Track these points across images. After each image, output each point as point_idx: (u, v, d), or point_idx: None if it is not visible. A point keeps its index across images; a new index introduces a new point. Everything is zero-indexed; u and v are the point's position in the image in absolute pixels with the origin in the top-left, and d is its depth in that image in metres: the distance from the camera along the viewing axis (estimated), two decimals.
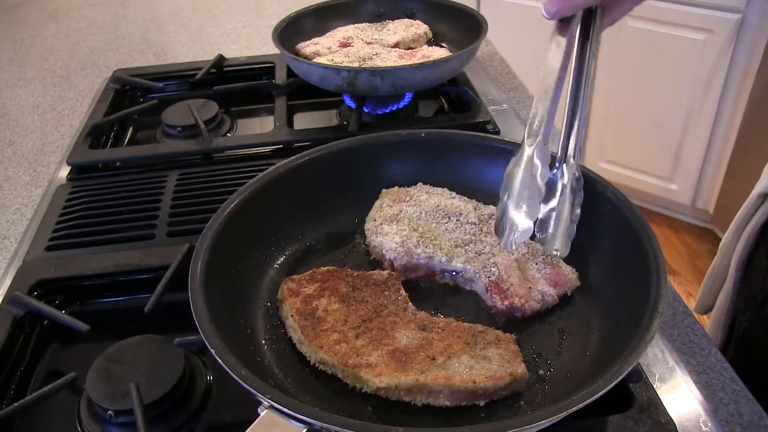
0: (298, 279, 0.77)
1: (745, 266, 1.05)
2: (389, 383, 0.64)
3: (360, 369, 0.65)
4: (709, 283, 1.16)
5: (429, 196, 0.88)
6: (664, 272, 0.66)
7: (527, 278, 0.77)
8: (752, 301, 1.00)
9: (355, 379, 0.66)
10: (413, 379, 0.64)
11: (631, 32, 2.67)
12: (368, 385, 0.65)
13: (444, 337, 0.69)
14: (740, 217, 1.07)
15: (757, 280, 1.00)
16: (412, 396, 0.65)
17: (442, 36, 1.43)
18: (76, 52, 1.76)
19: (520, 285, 0.75)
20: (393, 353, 0.67)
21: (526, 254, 0.80)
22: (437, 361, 0.66)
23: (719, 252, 1.13)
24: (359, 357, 0.67)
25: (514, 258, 0.78)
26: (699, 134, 2.72)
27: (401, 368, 0.65)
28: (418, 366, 0.65)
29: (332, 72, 1.14)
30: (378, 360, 0.66)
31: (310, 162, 0.88)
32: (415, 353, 0.67)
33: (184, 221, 0.98)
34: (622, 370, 0.56)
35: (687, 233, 3.02)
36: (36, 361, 0.80)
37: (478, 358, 0.66)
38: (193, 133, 1.21)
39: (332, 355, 0.67)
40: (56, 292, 0.87)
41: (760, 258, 1.01)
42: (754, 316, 0.98)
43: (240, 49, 1.72)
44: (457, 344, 0.68)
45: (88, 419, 0.70)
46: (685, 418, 0.67)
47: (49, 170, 1.22)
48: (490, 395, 0.65)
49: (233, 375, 0.57)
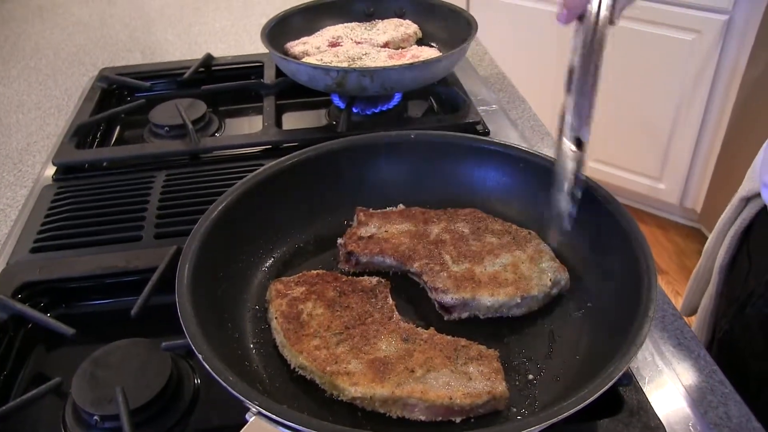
0: (286, 281, 0.77)
1: (728, 269, 1.05)
2: (364, 393, 0.63)
3: (337, 377, 0.65)
4: (694, 285, 1.17)
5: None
6: (654, 276, 0.66)
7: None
8: (734, 303, 1.00)
9: (331, 386, 0.65)
10: (389, 390, 0.63)
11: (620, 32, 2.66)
12: (344, 394, 0.64)
13: (426, 350, 0.68)
14: (723, 221, 1.07)
15: (739, 282, 1.01)
16: (387, 408, 0.64)
17: (431, 36, 1.42)
18: (62, 50, 1.74)
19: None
20: (372, 363, 0.66)
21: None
22: (416, 374, 0.64)
23: (703, 255, 1.14)
24: (338, 364, 0.66)
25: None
26: (687, 134, 2.73)
27: (378, 379, 0.64)
28: (396, 378, 0.64)
29: (321, 72, 1.13)
30: (356, 369, 0.65)
31: (299, 163, 0.87)
32: (395, 364, 0.66)
33: (172, 222, 0.97)
34: (613, 374, 0.56)
35: (675, 232, 3.04)
36: (20, 366, 0.78)
37: (458, 374, 0.65)
38: (180, 133, 1.20)
39: (311, 361, 0.67)
40: (41, 295, 0.85)
41: (742, 261, 1.02)
42: (735, 318, 0.99)
43: (228, 49, 1.71)
44: (438, 357, 0.66)
45: (74, 425, 0.69)
46: (674, 422, 0.67)
47: (35, 170, 1.20)
48: (467, 412, 0.63)
49: (221, 381, 0.56)
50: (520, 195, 0.89)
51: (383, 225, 0.85)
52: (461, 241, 0.82)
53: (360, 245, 0.82)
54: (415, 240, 0.83)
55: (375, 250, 0.82)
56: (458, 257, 0.79)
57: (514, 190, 0.89)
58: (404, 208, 0.89)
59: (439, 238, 0.83)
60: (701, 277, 1.15)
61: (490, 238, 0.82)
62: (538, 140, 1.23)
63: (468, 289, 0.75)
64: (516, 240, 0.82)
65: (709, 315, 1.09)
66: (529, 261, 0.78)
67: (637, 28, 2.63)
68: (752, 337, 0.94)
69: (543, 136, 1.24)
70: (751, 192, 0.99)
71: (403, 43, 1.37)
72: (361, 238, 0.83)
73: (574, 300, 0.77)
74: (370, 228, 0.85)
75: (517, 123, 1.25)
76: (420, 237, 0.83)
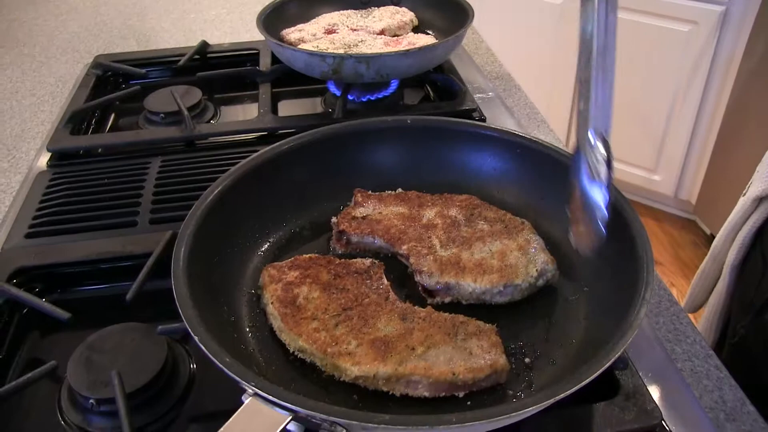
0: (279, 266, 0.77)
1: (739, 270, 1.05)
2: (368, 372, 0.63)
3: (338, 357, 0.65)
4: (700, 282, 1.16)
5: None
6: (651, 261, 0.66)
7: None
8: (749, 308, 0.99)
9: (333, 367, 0.66)
10: (392, 368, 0.63)
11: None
12: (346, 374, 0.65)
13: (424, 328, 0.68)
14: (733, 220, 1.06)
15: (752, 285, 1.00)
16: (391, 386, 0.64)
17: (427, 23, 1.42)
18: (56, 38, 1.72)
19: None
20: (372, 342, 0.66)
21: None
22: (417, 352, 0.65)
23: (710, 253, 1.13)
24: (338, 345, 0.66)
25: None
26: (682, 125, 2.74)
27: (380, 358, 0.64)
28: (398, 356, 0.64)
29: (317, 58, 1.12)
30: (357, 349, 0.66)
31: (295, 148, 0.87)
32: (395, 343, 0.66)
33: (167, 208, 0.97)
34: (609, 357, 0.56)
35: (670, 224, 3.05)
36: (15, 351, 0.78)
37: (459, 349, 0.65)
38: (176, 119, 1.20)
39: (311, 343, 0.67)
40: (36, 280, 0.85)
41: (756, 263, 1.01)
42: (751, 324, 0.98)
43: (224, 36, 1.70)
44: (437, 335, 0.67)
45: (69, 408, 0.69)
46: (670, 405, 0.67)
47: (29, 157, 1.19)
48: (469, 387, 0.64)
49: (217, 362, 0.56)
50: (518, 182, 0.89)
51: (378, 207, 0.85)
52: (452, 226, 0.82)
53: (352, 225, 0.82)
54: (407, 223, 0.83)
55: (366, 230, 0.82)
56: (447, 242, 0.79)
57: (511, 177, 0.89)
58: (402, 191, 0.89)
59: (431, 222, 0.83)
60: (707, 276, 1.14)
61: (482, 225, 0.82)
62: (534, 128, 1.23)
63: (452, 274, 0.75)
64: (508, 228, 0.81)
65: (718, 315, 1.08)
66: (518, 250, 0.78)
67: (634, 18, 2.63)
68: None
69: (539, 124, 1.24)
70: (764, 192, 0.98)
71: (399, 30, 1.37)
72: (355, 219, 0.83)
73: (570, 285, 0.77)
74: (365, 209, 0.85)
75: (513, 110, 1.25)
76: (412, 220, 0.83)
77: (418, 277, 0.77)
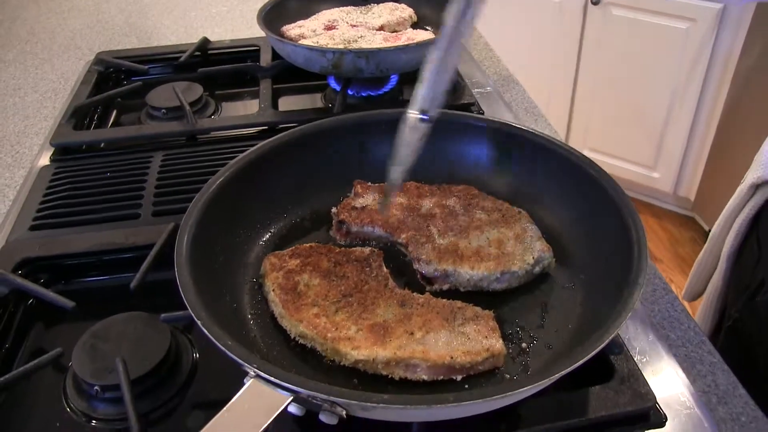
0: (280, 254, 0.78)
1: (736, 257, 1.06)
2: (367, 356, 0.65)
3: (339, 342, 0.66)
4: (698, 271, 1.17)
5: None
6: (644, 246, 0.67)
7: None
8: (743, 291, 1.00)
9: (333, 352, 0.67)
10: (391, 352, 0.64)
11: (614, 20, 2.69)
12: (347, 358, 0.66)
13: (423, 313, 0.69)
14: (731, 208, 1.07)
15: (748, 270, 1.01)
16: (390, 370, 0.65)
17: (426, 20, 1.43)
18: (58, 35, 1.74)
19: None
20: (372, 327, 0.67)
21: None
22: (415, 336, 0.66)
23: (708, 242, 1.14)
24: (338, 330, 0.67)
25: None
26: (681, 123, 2.75)
27: (380, 342, 0.66)
28: (397, 340, 0.66)
29: (317, 54, 1.14)
30: (357, 334, 0.67)
31: (296, 139, 0.88)
32: (394, 328, 0.67)
33: (169, 201, 0.98)
34: (603, 338, 0.57)
35: (669, 221, 3.05)
36: (21, 340, 0.79)
37: (456, 334, 0.67)
38: (177, 114, 1.21)
39: (312, 329, 0.68)
40: (41, 271, 0.86)
41: (751, 249, 1.02)
42: (745, 306, 0.99)
43: (225, 33, 1.71)
44: (435, 320, 0.68)
45: (74, 395, 0.70)
46: (664, 389, 0.68)
47: (32, 152, 1.21)
48: (467, 370, 0.65)
49: (219, 345, 0.57)
50: (515, 172, 0.90)
51: (377, 197, 0.86)
52: (450, 215, 0.83)
53: (352, 215, 0.84)
54: (406, 213, 0.84)
55: (366, 220, 0.83)
56: (445, 231, 0.81)
57: (508, 167, 0.90)
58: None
59: (429, 212, 0.84)
60: (705, 264, 1.15)
61: (479, 215, 0.83)
62: (532, 122, 1.24)
63: (450, 262, 0.76)
64: (505, 218, 0.83)
65: (714, 303, 1.09)
66: (515, 239, 0.79)
67: (632, 16, 2.64)
68: (761, 326, 0.94)
69: (537, 118, 1.25)
70: (760, 179, 0.99)
71: (398, 26, 1.38)
72: (354, 209, 0.85)
73: (566, 272, 0.78)
74: (364, 200, 0.86)
75: (511, 105, 1.26)
76: (411, 210, 0.85)
77: (417, 265, 0.78)
